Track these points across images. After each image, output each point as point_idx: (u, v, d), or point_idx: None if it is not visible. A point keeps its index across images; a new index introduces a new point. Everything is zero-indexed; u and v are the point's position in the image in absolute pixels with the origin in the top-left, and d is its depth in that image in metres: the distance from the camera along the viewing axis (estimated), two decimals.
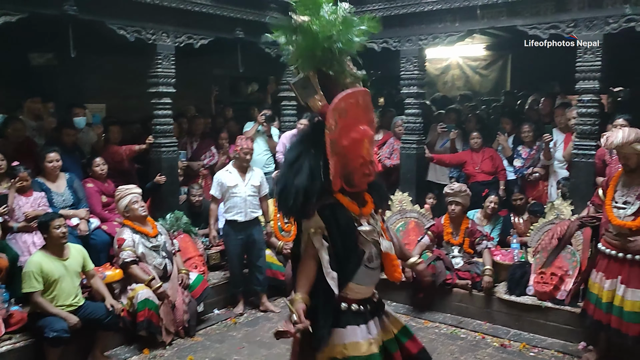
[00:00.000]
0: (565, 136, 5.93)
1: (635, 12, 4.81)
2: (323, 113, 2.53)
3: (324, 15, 2.51)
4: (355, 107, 2.54)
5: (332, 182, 2.50)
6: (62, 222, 4.33)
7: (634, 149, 3.93)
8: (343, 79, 2.61)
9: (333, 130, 2.46)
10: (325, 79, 2.59)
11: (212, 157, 6.97)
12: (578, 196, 5.24)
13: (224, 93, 9.17)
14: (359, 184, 2.60)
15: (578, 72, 5.18)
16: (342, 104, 2.47)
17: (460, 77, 10.73)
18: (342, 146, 2.50)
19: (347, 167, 2.54)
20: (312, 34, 2.49)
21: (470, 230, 5.53)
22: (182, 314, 4.92)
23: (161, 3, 5.46)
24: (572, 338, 4.77)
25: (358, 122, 2.54)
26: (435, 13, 5.90)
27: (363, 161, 2.56)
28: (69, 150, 5.62)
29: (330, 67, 2.57)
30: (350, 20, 2.56)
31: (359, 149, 2.54)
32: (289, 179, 2.49)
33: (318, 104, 2.57)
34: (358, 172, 2.56)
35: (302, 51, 2.54)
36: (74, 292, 4.35)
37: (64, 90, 6.90)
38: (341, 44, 2.53)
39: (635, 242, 3.96)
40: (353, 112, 2.52)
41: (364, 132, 2.56)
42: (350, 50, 2.60)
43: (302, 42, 2.53)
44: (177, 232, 5.61)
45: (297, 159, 2.52)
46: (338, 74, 2.59)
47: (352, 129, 2.52)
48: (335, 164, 2.48)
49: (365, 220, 2.64)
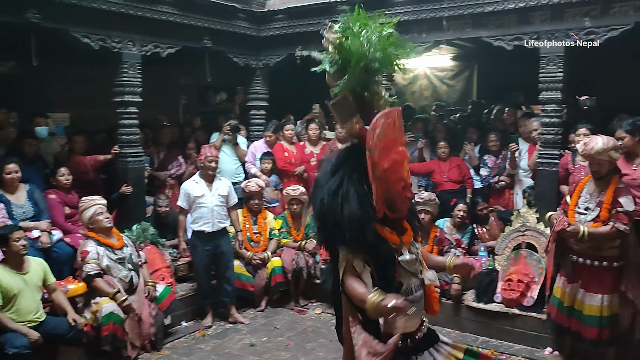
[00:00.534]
0: (528, 146, 6.05)
1: (595, 25, 4.95)
2: (361, 136, 2.39)
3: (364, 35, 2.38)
4: (392, 128, 2.39)
5: (376, 209, 2.34)
6: (22, 235, 4.21)
7: (610, 156, 4.04)
8: (377, 101, 2.50)
9: (374, 152, 2.31)
10: (360, 100, 2.46)
11: (179, 166, 6.89)
12: (543, 204, 5.33)
13: (192, 102, 9.10)
14: (401, 209, 2.44)
15: (541, 82, 5.30)
16: (380, 124, 2.33)
17: (428, 87, 10.86)
18: (383, 169, 2.33)
19: (389, 191, 2.37)
20: (352, 53, 2.36)
21: (439, 238, 5.58)
22: (148, 327, 4.81)
23: (127, 11, 5.39)
24: (538, 344, 4.85)
25: (396, 144, 2.40)
26: (403, 24, 5.89)
27: (405, 184, 2.42)
28: (31, 161, 5.48)
29: (365, 88, 2.45)
30: (387, 40, 2.43)
31: (400, 171, 2.40)
32: (337, 209, 2.32)
33: (356, 126, 2.44)
34: (400, 196, 2.41)
35: (341, 70, 2.41)
36: (35, 307, 4.22)
37: (27, 100, 6.74)
38: (378, 64, 2.41)
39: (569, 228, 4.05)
40: (390, 133, 2.38)
41: (402, 153, 2.42)
42: (386, 72, 2.51)
43: (341, 61, 2.40)
44: (143, 244, 5.51)
45: (340, 186, 2.35)
46: (372, 95, 2.48)
47: (391, 150, 2.37)
48: (377, 188, 2.32)
49: (406, 249, 2.47)
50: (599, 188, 4.16)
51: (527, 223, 5.35)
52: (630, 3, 4.78)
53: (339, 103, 2.44)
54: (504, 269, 5.24)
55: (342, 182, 2.36)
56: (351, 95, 2.42)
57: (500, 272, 5.26)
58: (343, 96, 2.42)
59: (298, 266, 5.89)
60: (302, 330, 5.41)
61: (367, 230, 2.32)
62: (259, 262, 5.91)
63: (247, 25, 6.78)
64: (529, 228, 5.32)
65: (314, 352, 4.92)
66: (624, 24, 4.82)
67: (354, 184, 2.35)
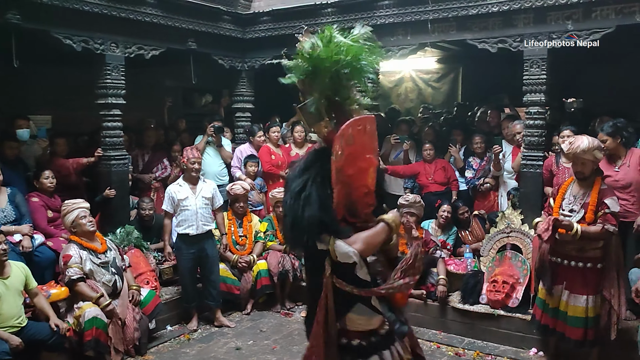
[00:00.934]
0: (512, 148, 6.10)
1: (577, 28, 5.01)
2: (329, 140, 2.42)
3: (334, 41, 2.42)
4: (362, 135, 2.42)
5: (335, 212, 2.38)
6: (3, 239, 4.14)
7: (594, 155, 4.08)
8: (349, 106, 2.51)
9: (339, 157, 2.34)
10: (332, 105, 2.49)
11: (164, 169, 6.85)
12: (527, 206, 5.38)
13: (177, 104, 9.03)
14: (361, 214, 2.49)
15: (525, 84, 5.34)
16: (349, 131, 2.36)
17: (413, 90, 10.92)
18: (348, 175, 2.38)
19: (351, 196, 2.42)
20: (320, 59, 2.39)
21: (424, 240, 5.59)
22: (132, 331, 4.76)
23: (110, 12, 5.35)
24: (523, 345, 4.87)
25: (365, 151, 2.44)
26: (388, 26, 5.99)
27: (367, 190, 2.46)
28: (11, 164, 5.41)
29: (336, 93, 2.47)
30: (360, 48, 2.46)
31: (364, 178, 2.44)
32: (297, 212, 2.36)
33: (324, 130, 2.46)
34: (361, 201, 2.45)
35: (311, 76, 2.44)
36: (16, 312, 4.15)
37: (7, 102, 6.65)
38: (349, 70, 2.44)
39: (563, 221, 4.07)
40: (360, 139, 2.41)
41: (369, 160, 2.46)
42: (358, 78, 2.52)
43: (311, 67, 2.42)
44: (127, 247, 5.46)
45: (304, 189, 2.38)
46: (344, 100, 2.50)
47: (358, 157, 2.41)
48: (338, 192, 2.36)
49: None
50: (583, 190, 4.19)
51: (511, 225, 5.39)
52: (612, 7, 4.85)
53: (306, 107, 2.47)
54: (489, 271, 5.27)
55: (307, 185, 2.39)
56: (322, 99, 2.45)
57: (485, 273, 5.29)
58: (312, 100, 2.45)
59: (284, 269, 5.87)
60: (289, 333, 5.39)
61: (325, 232, 2.35)
62: (245, 265, 5.88)
63: (232, 27, 6.75)
64: (514, 229, 5.36)
65: (300, 355, 4.84)
66: (605, 27, 4.89)
67: (318, 186, 2.38)
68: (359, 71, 2.48)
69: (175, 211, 5.44)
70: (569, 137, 4.66)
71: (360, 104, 2.55)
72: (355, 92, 2.55)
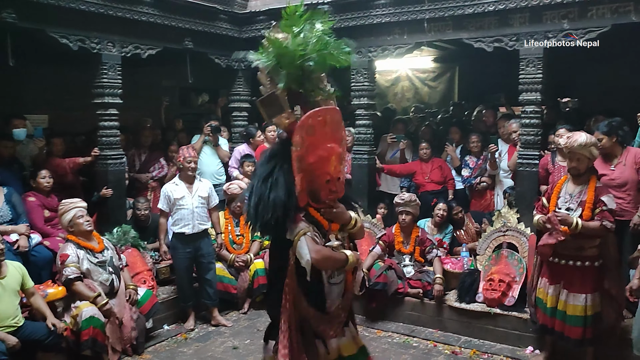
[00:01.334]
0: (508, 147, 6.11)
1: (573, 27, 5.03)
2: (290, 130, 2.54)
3: (300, 35, 2.52)
4: (323, 125, 2.54)
5: (298, 198, 2.52)
6: (0, 239, 4.12)
7: (590, 152, 4.11)
8: (314, 97, 2.62)
9: (299, 147, 2.48)
10: (296, 96, 2.61)
11: (161, 168, 6.84)
12: (524, 204, 5.39)
13: (174, 104, 9.02)
14: (324, 201, 2.62)
15: (521, 84, 5.35)
16: (309, 122, 2.48)
17: (410, 89, 10.93)
18: (308, 163, 2.51)
19: (313, 184, 2.56)
20: (284, 52, 2.50)
21: (421, 239, 5.61)
22: (129, 331, 4.76)
23: (106, 12, 5.34)
24: (520, 343, 4.88)
25: (325, 140, 2.56)
26: (384, 26, 6.00)
27: (330, 178, 2.57)
28: (7, 163, 5.41)
29: (300, 85, 2.59)
30: (325, 41, 2.57)
31: (325, 167, 2.56)
32: (264, 194, 2.49)
33: (285, 121, 2.57)
34: (324, 189, 2.58)
35: (274, 69, 2.56)
36: (13, 311, 4.15)
37: (3, 101, 6.63)
38: (313, 63, 2.55)
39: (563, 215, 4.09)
40: (321, 130, 2.53)
41: (330, 149, 2.57)
42: (323, 70, 2.62)
43: (274, 60, 2.55)
44: (124, 247, 5.46)
45: (271, 174, 2.52)
46: (308, 92, 2.61)
47: (319, 147, 2.54)
48: (301, 180, 2.50)
49: (333, 235, 2.66)
50: (579, 188, 4.21)
51: (508, 223, 5.40)
52: (607, 6, 4.86)
53: (266, 100, 2.59)
54: (485, 269, 5.28)
55: (274, 170, 2.54)
56: (285, 92, 2.58)
57: (482, 272, 5.30)
58: (272, 93, 2.57)
59: None
60: None
61: (289, 215, 2.50)
62: (242, 264, 5.88)
63: (229, 27, 6.75)
64: (510, 228, 5.38)
65: None
66: (601, 26, 4.90)
67: (284, 173, 2.53)
68: (324, 64, 2.59)
69: (171, 210, 5.43)
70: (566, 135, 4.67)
71: (328, 94, 2.67)
72: (324, 84, 2.66)
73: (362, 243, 6.04)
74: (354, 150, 6.58)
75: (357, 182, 6.51)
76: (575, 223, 4.02)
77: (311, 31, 2.56)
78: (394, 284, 5.41)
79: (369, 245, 5.86)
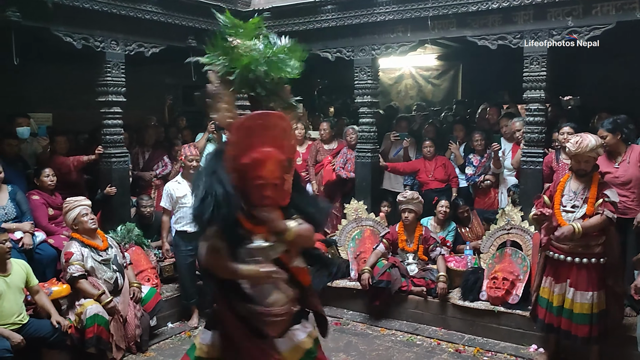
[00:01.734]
0: (512, 145, 6.10)
1: (577, 25, 5.01)
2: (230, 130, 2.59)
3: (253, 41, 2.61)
4: (263, 129, 2.53)
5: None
6: (6, 237, 4.15)
7: (597, 153, 4.13)
8: (267, 102, 2.67)
9: (232, 146, 2.53)
10: (250, 100, 2.69)
11: (165, 167, 6.86)
12: (527, 202, 5.36)
13: (177, 102, 9.04)
14: (256, 203, 2.58)
15: (525, 81, 5.33)
16: (247, 123, 2.51)
17: (414, 87, 10.92)
18: (242, 164, 2.51)
19: (245, 185, 2.54)
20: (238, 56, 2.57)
21: (424, 237, 5.61)
22: (133, 328, 4.78)
23: (110, 10, 5.34)
24: (523, 341, 4.88)
25: (264, 144, 2.54)
26: (388, 23, 5.98)
27: (263, 182, 2.53)
28: (11, 162, 5.42)
29: (252, 89, 2.64)
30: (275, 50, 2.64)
31: (259, 170, 2.52)
32: (210, 188, 2.48)
33: (227, 120, 2.62)
34: (255, 191, 2.54)
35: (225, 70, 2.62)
36: (18, 309, 4.16)
37: (7, 100, 6.65)
38: (267, 68, 2.60)
39: (562, 233, 4.10)
40: (260, 133, 2.52)
41: (268, 153, 2.54)
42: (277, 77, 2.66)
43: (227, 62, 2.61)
44: (128, 245, 5.47)
45: (217, 170, 2.53)
46: (260, 96, 2.66)
47: (254, 149, 2.52)
48: (233, 179, 2.51)
49: (259, 238, 2.58)
50: (583, 185, 4.20)
51: (511, 221, 5.39)
52: (612, 3, 4.83)
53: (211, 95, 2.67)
54: (489, 267, 5.28)
55: (218, 168, 2.54)
56: (234, 94, 2.66)
57: (485, 270, 5.29)
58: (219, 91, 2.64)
59: None
60: None
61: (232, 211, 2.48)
62: None
63: None
64: (514, 226, 5.37)
65: None
66: (605, 23, 4.88)
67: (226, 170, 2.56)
68: (276, 70, 2.64)
69: (173, 208, 5.44)
70: (570, 135, 4.66)
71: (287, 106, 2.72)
72: (284, 93, 2.72)
73: (365, 241, 6.05)
74: (357, 149, 6.58)
75: (361, 180, 6.51)
76: (575, 230, 4.03)
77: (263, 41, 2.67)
78: (397, 282, 5.41)
79: (372, 244, 5.86)
